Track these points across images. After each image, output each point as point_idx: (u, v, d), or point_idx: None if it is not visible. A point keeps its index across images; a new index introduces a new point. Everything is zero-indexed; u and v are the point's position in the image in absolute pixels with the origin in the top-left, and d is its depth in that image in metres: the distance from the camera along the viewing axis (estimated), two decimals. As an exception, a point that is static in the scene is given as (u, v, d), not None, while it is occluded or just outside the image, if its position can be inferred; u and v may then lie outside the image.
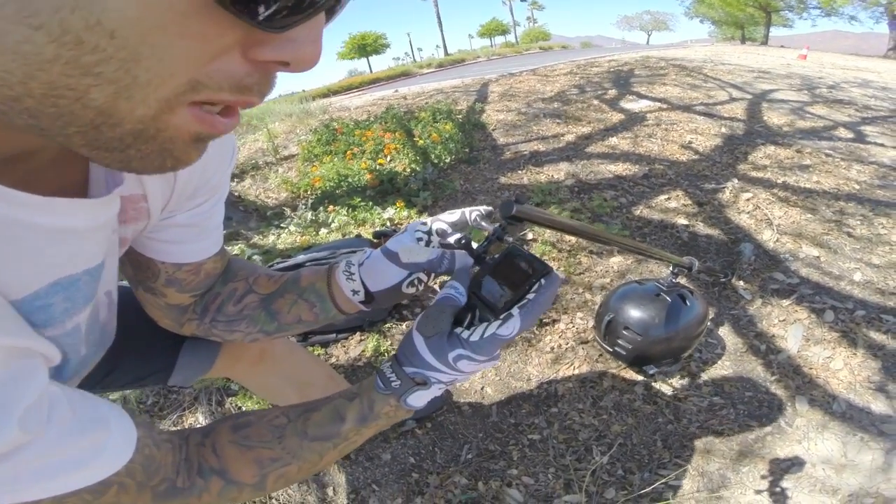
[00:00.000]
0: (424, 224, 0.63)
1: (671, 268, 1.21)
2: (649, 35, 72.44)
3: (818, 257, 1.72)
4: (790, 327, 1.42)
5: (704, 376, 1.29)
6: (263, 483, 0.50)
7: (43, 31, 0.21)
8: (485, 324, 0.49)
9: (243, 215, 2.57)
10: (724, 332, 1.44)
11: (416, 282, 0.61)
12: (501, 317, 0.49)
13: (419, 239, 0.61)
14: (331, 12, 0.28)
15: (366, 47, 42.53)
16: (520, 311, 0.48)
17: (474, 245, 0.58)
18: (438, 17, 42.56)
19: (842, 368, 1.26)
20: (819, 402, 1.19)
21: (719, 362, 1.33)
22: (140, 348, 0.72)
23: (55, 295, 0.39)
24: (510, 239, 0.57)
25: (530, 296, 0.49)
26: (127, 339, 0.63)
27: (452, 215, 0.64)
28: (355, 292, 0.62)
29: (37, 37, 0.21)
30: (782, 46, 16.09)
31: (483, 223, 0.63)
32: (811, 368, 1.28)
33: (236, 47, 0.26)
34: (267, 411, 0.55)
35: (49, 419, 0.34)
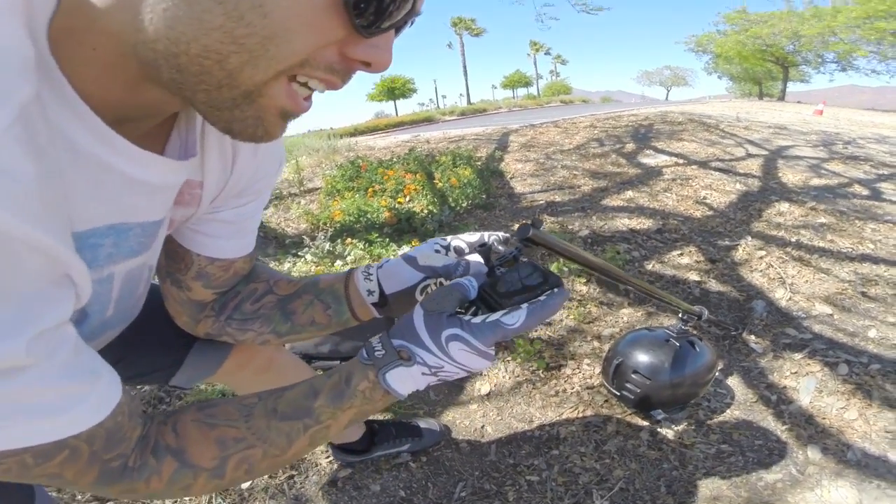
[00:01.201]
0: (444, 239, 0.67)
1: (680, 314, 1.23)
2: (668, 90, 73.87)
3: (832, 315, 1.70)
4: (802, 379, 1.40)
5: (712, 424, 1.27)
6: (223, 468, 0.46)
7: (222, 6, 0.28)
8: (490, 312, 0.50)
9: (262, 241, 2.65)
10: (734, 382, 1.42)
11: (429, 291, 0.63)
12: (508, 307, 0.50)
13: (437, 251, 0.65)
14: (399, 30, 0.37)
15: (394, 91, 44.38)
16: (527, 307, 0.49)
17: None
18: (464, 66, 44.31)
19: (857, 418, 1.23)
20: (833, 450, 1.16)
21: (728, 411, 1.31)
22: (150, 343, 0.72)
23: (107, 237, 0.43)
24: (525, 260, 0.60)
25: (541, 298, 0.50)
26: (139, 332, 0.64)
27: (472, 236, 0.68)
28: (370, 292, 0.64)
29: (216, 9, 0.28)
30: (799, 102, 16.25)
31: (500, 247, 0.66)
32: (824, 418, 1.26)
33: (337, 43, 0.34)
34: (240, 395, 0.53)
35: (52, 354, 0.34)
